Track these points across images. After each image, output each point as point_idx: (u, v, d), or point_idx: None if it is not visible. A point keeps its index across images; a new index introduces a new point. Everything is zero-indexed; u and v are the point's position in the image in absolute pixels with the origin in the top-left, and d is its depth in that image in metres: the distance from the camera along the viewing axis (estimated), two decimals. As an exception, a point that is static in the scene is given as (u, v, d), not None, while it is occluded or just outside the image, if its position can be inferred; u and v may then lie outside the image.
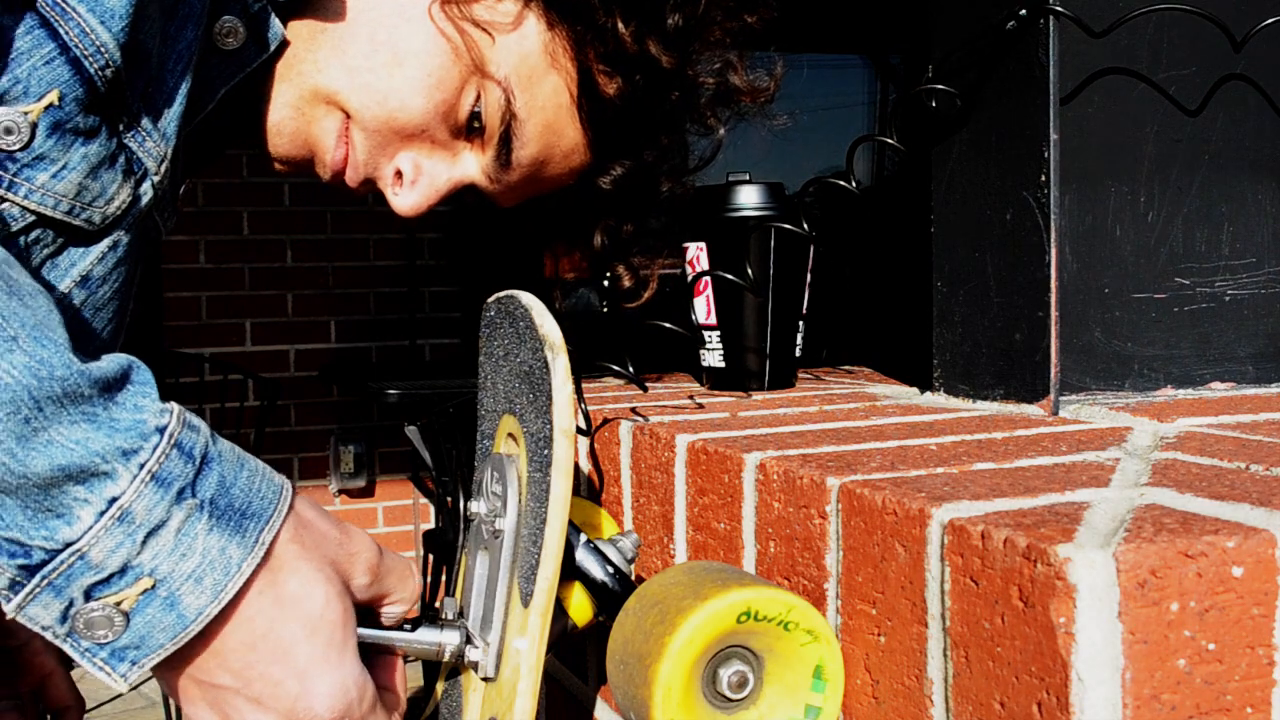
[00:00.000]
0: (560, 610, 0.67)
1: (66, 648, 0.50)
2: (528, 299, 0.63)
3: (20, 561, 0.49)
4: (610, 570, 0.67)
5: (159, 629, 0.50)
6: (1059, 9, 0.74)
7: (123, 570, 0.49)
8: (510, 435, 0.66)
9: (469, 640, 0.65)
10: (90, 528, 0.48)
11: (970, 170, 0.81)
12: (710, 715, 0.56)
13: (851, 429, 0.74)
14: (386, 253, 3.60)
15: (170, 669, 0.52)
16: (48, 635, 0.50)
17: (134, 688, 0.52)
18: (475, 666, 0.64)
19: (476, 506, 0.67)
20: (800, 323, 0.98)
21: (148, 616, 0.50)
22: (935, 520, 0.51)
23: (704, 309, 0.98)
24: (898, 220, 1.17)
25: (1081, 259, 0.81)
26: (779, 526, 0.64)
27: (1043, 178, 0.75)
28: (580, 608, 0.68)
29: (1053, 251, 0.75)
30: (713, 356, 0.98)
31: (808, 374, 1.06)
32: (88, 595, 0.49)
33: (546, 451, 0.60)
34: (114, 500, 0.49)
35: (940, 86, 0.79)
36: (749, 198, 0.96)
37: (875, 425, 0.75)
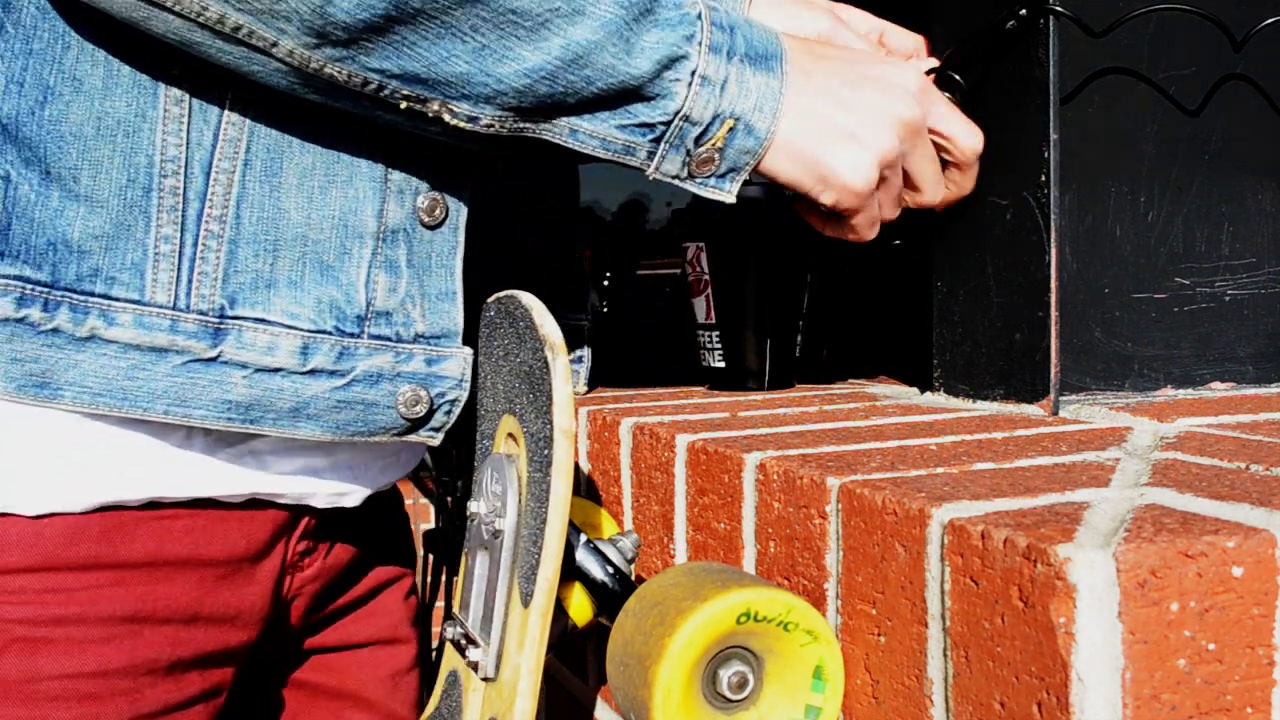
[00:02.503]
0: (560, 610, 0.67)
1: (689, 187, 0.69)
2: (528, 299, 0.63)
3: (650, 136, 0.67)
4: (610, 570, 0.67)
5: (744, 151, 0.68)
6: (1059, 9, 0.74)
7: (713, 119, 0.67)
8: (510, 435, 0.66)
9: (469, 640, 0.65)
10: (687, 96, 0.66)
11: (970, 170, 0.81)
12: (710, 716, 0.56)
13: (851, 429, 0.74)
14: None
15: (766, 162, 0.70)
16: (675, 182, 0.69)
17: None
18: (475, 666, 0.64)
19: (476, 506, 0.67)
20: (800, 323, 0.98)
21: (735, 145, 0.68)
22: (935, 520, 0.51)
23: (704, 309, 0.98)
24: (897, 219, 1.17)
25: (1081, 259, 0.81)
26: (779, 526, 0.64)
27: (1043, 178, 0.75)
28: (580, 608, 0.68)
29: (1053, 251, 0.75)
30: (712, 357, 0.98)
31: (807, 374, 1.06)
32: (697, 142, 0.67)
33: (546, 452, 0.60)
34: (694, 72, 0.65)
35: (951, 74, 0.80)
36: (749, 193, 0.96)
37: (875, 425, 0.75)
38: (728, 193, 0.70)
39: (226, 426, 0.65)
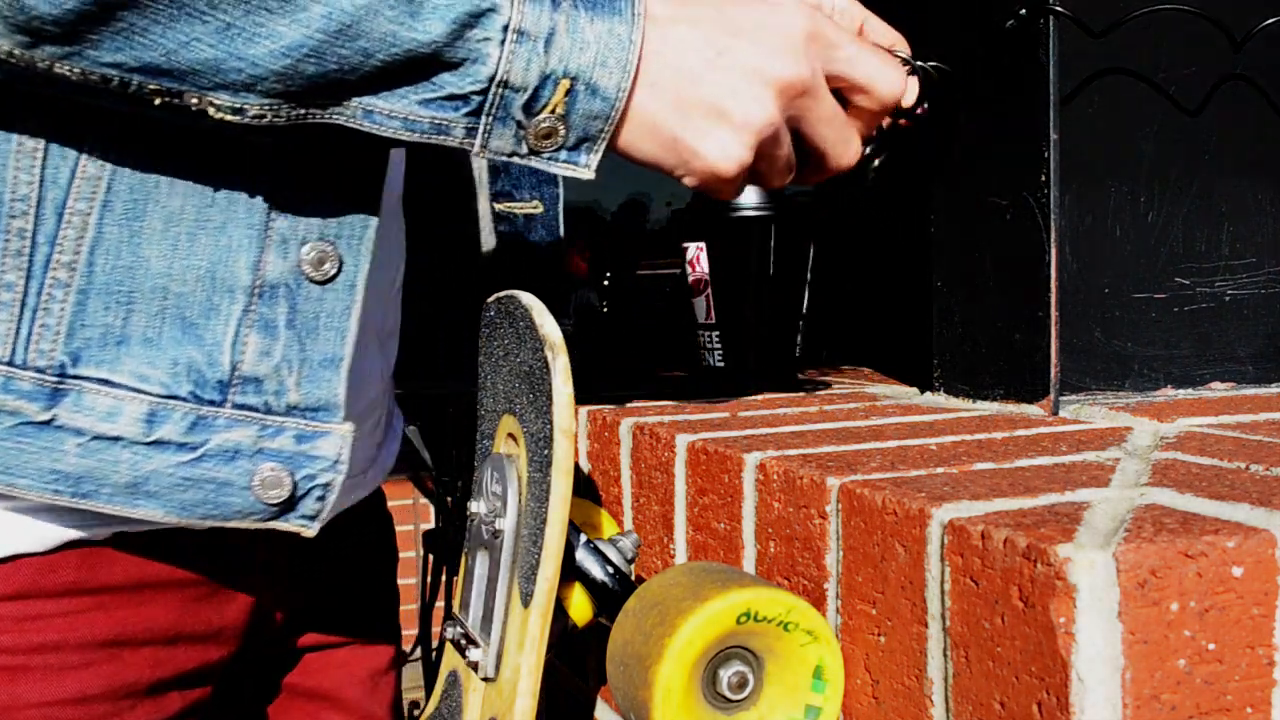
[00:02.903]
0: (560, 610, 0.67)
1: (535, 164, 0.59)
2: (528, 299, 0.63)
3: (464, 110, 0.56)
4: (610, 570, 0.67)
5: (593, 116, 0.58)
6: (1059, 9, 0.74)
7: (541, 81, 0.56)
8: (510, 435, 0.66)
9: (469, 640, 0.65)
10: (500, 57, 0.55)
11: (970, 170, 0.81)
12: (710, 716, 0.56)
13: (851, 429, 0.74)
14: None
15: (622, 138, 0.60)
16: (516, 160, 0.59)
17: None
18: (475, 666, 0.64)
19: (476, 506, 0.67)
20: (800, 323, 0.98)
21: (579, 110, 0.58)
22: (935, 520, 0.51)
23: (703, 309, 0.98)
24: (898, 220, 1.17)
25: (1081, 259, 0.81)
26: (779, 526, 0.64)
27: (1043, 178, 0.75)
28: (580, 608, 0.68)
29: (1052, 251, 0.75)
30: (712, 357, 0.98)
31: (807, 374, 1.07)
32: (527, 112, 0.57)
33: (546, 451, 0.60)
34: (506, 27, 0.55)
35: (921, 64, 0.76)
36: (749, 197, 0.96)
37: (875, 425, 0.75)
38: (585, 167, 0.60)
39: (53, 499, 0.59)
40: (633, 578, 0.68)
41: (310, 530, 0.64)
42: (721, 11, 0.61)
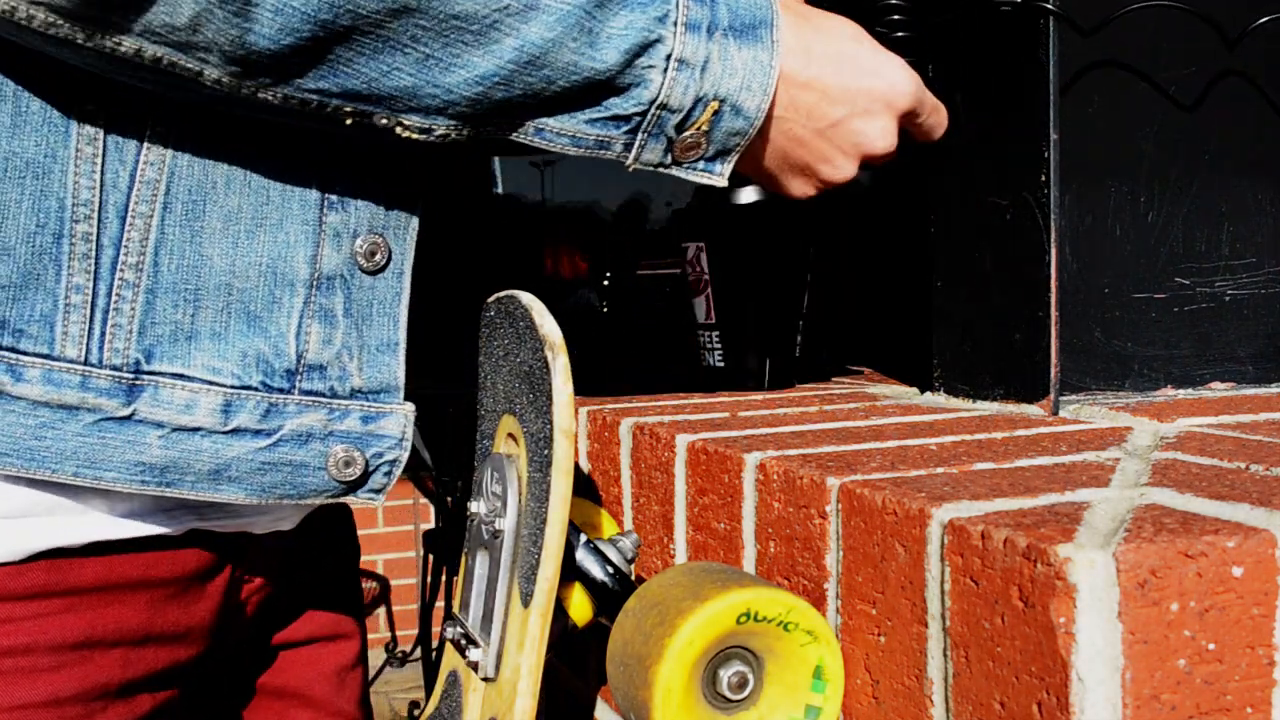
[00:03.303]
0: (560, 610, 0.67)
1: (674, 171, 0.65)
2: (527, 299, 0.63)
3: (625, 128, 0.62)
4: (610, 570, 0.67)
5: (733, 132, 0.64)
6: (1050, 7, 0.74)
7: (695, 103, 0.62)
8: (510, 435, 0.66)
9: (469, 640, 0.65)
10: (663, 83, 0.61)
11: (969, 169, 0.81)
12: (710, 716, 0.56)
13: (851, 429, 0.74)
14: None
15: (752, 155, 0.68)
16: (661, 170, 0.65)
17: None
18: (475, 666, 0.64)
19: (476, 506, 0.67)
20: (800, 323, 0.98)
21: (723, 128, 0.64)
22: (935, 520, 0.51)
23: (703, 309, 0.98)
24: (897, 219, 1.17)
25: (1081, 259, 0.81)
26: (779, 526, 0.64)
27: (1043, 177, 0.75)
28: (580, 608, 0.68)
29: (1052, 251, 0.75)
30: (712, 357, 0.98)
31: (807, 374, 1.06)
32: (679, 129, 0.63)
33: (546, 451, 0.60)
34: (669, 56, 0.60)
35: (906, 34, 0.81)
36: (749, 197, 0.96)
37: (875, 425, 0.75)
38: (719, 175, 0.66)
39: (140, 490, 0.61)
40: (633, 578, 0.68)
41: (376, 502, 0.68)
42: (842, 66, 0.68)
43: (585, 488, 0.88)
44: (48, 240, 0.59)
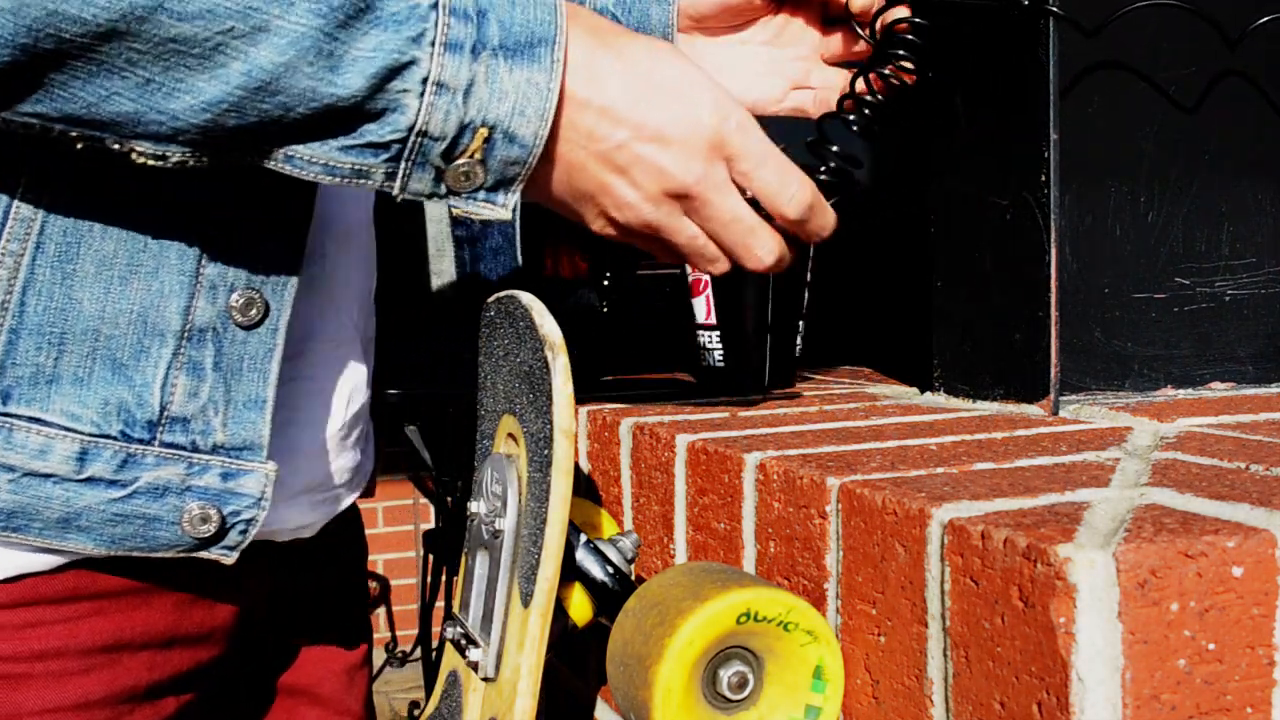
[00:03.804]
0: (560, 610, 0.67)
1: (452, 203, 0.60)
2: (527, 299, 0.63)
3: (384, 157, 0.57)
4: (610, 570, 0.67)
5: (510, 161, 0.59)
6: (1054, 9, 0.74)
7: (460, 131, 0.57)
8: (510, 435, 0.66)
9: (469, 640, 0.65)
10: (419, 108, 0.56)
11: (969, 169, 0.81)
12: (710, 716, 0.56)
13: (851, 429, 0.74)
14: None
15: (539, 185, 0.62)
16: (434, 201, 0.60)
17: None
18: (475, 666, 0.64)
19: (476, 506, 0.67)
20: (800, 323, 0.98)
21: (498, 155, 0.59)
22: (935, 520, 0.51)
23: (703, 309, 0.98)
24: (897, 219, 1.17)
25: (1081, 259, 0.81)
26: (779, 526, 0.64)
27: (1043, 177, 0.75)
28: (580, 608, 0.68)
29: (1052, 251, 0.75)
30: (712, 357, 0.98)
31: (807, 374, 1.06)
32: (446, 159, 0.58)
33: (546, 451, 0.60)
34: (425, 79, 0.56)
35: (833, 165, 0.74)
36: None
37: (875, 425, 0.75)
38: (502, 207, 0.61)
39: None
40: (633, 578, 0.68)
41: (229, 559, 0.65)
42: (641, 89, 0.61)
43: (585, 488, 0.88)
44: None
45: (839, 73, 0.84)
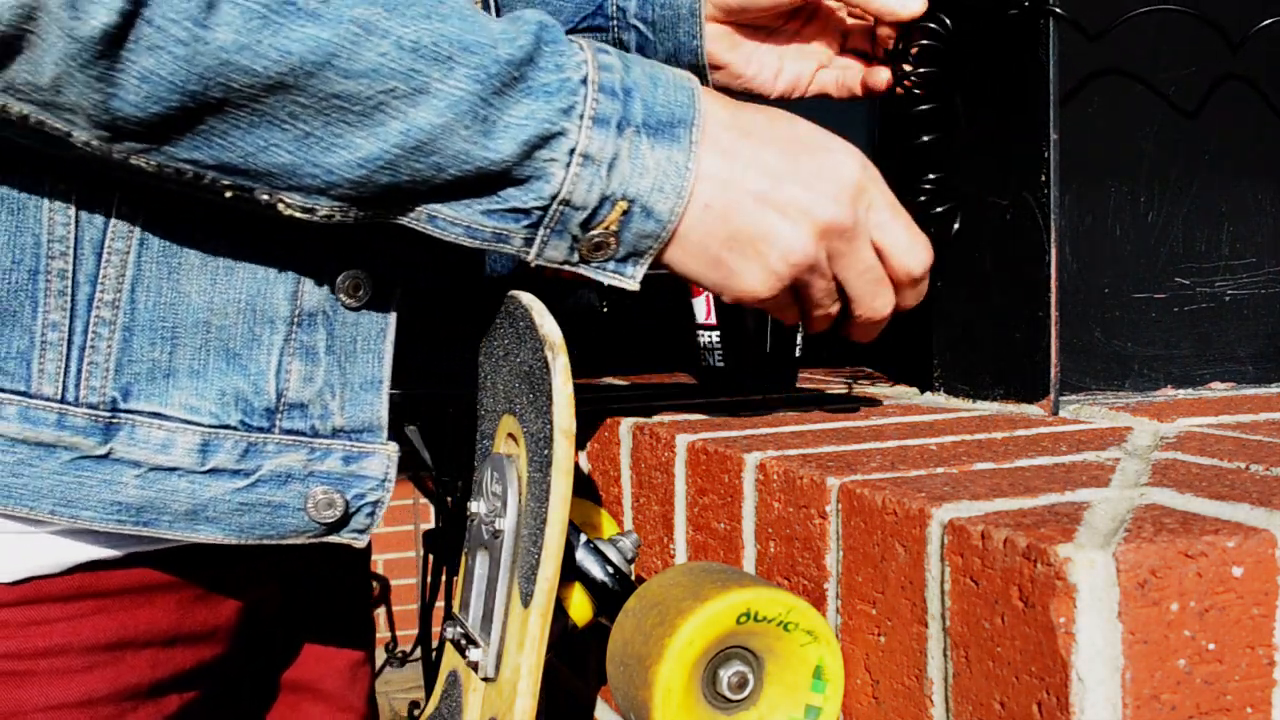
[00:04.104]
0: (560, 610, 0.67)
1: (583, 271, 0.61)
2: (528, 299, 0.63)
3: (525, 223, 0.59)
4: (610, 570, 0.67)
5: (644, 234, 0.61)
6: (1057, 10, 0.74)
7: (601, 202, 0.59)
8: (510, 435, 0.66)
9: (469, 640, 0.65)
10: (565, 178, 0.58)
11: (969, 169, 0.81)
12: (710, 716, 0.56)
13: (851, 429, 0.74)
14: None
15: (668, 254, 0.63)
16: (567, 267, 0.61)
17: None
18: (475, 666, 0.64)
19: (476, 506, 0.67)
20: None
21: (633, 229, 0.60)
22: (935, 520, 0.51)
23: (703, 309, 0.98)
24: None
25: (1081, 259, 0.81)
26: (779, 526, 0.64)
27: (1043, 177, 0.75)
28: (580, 608, 0.68)
29: (1052, 251, 0.75)
30: (712, 357, 0.98)
31: (807, 374, 1.06)
32: (584, 228, 0.59)
33: (546, 451, 0.60)
34: (573, 150, 0.57)
35: (931, 24, 0.77)
36: None
37: (875, 425, 0.75)
38: (630, 278, 0.62)
39: (116, 529, 0.61)
40: (633, 578, 0.68)
41: (360, 542, 0.66)
42: (783, 148, 0.63)
43: (585, 488, 0.88)
44: (23, 277, 0.58)
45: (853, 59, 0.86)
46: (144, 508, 0.61)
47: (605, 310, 1.52)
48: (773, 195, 0.62)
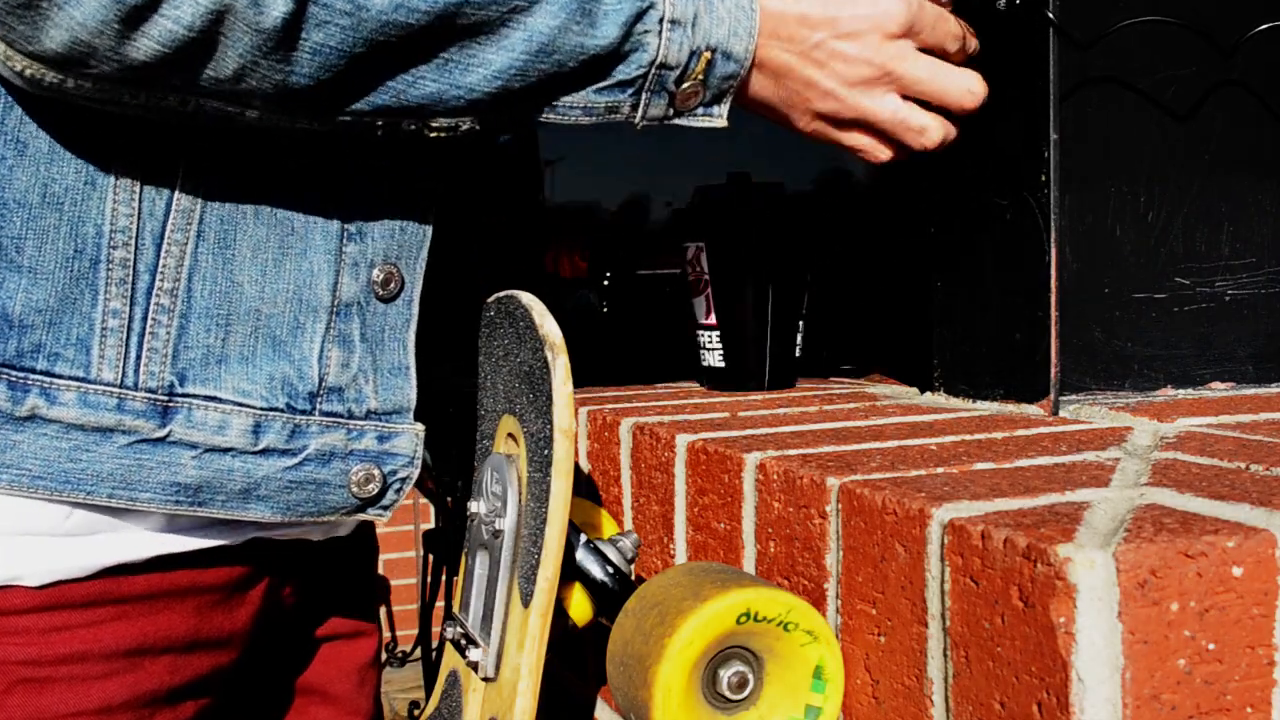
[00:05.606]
0: (560, 610, 0.67)
1: (678, 121, 0.68)
2: (528, 299, 0.63)
3: (630, 91, 0.66)
4: (610, 570, 0.67)
5: (726, 76, 0.67)
6: (1050, 17, 0.74)
7: (690, 57, 0.66)
8: (510, 435, 0.66)
9: (469, 640, 0.65)
10: (659, 45, 0.65)
11: (970, 170, 0.81)
12: (710, 716, 0.56)
13: (851, 429, 0.74)
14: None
15: (748, 94, 0.70)
16: (665, 122, 0.68)
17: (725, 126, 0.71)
18: (475, 666, 0.64)
19: (476, 506, 0.67)
20: (800, 323, 0.98)
21: (717, 73, 0.67)
22: (935, 520, 0.51)
23: (703, 309, 0.98)
24: (897, 219, 1.17)
25: (1081, 259, 0.81)
26: (779, 526, 0.64)
27: (1043, 178, 0.75)
28: (580, 608, 0.68)
29: (1052, 251, 0.75)
30: (712, 357, 0.98)
31: (807, 374, 1.06)
32: (678, 83, 0.66)
33: (546, 451, 0.60)
34: (661, 19, 0.64)
35: None
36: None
37: (875, 425, 0.75)
38: (719, 117, 0.69)
39: (173, 510, 0.63)
40: (633, 578, 0.68)
41: (384, 519, 0.71)
42: None
43: (585, 488, 0.88)
44: (85, 266, 0.61)
45: None
46: (201, 488, 0.64)
47: (605, 310, 1.52)
48: (817, 51, 0.69)
